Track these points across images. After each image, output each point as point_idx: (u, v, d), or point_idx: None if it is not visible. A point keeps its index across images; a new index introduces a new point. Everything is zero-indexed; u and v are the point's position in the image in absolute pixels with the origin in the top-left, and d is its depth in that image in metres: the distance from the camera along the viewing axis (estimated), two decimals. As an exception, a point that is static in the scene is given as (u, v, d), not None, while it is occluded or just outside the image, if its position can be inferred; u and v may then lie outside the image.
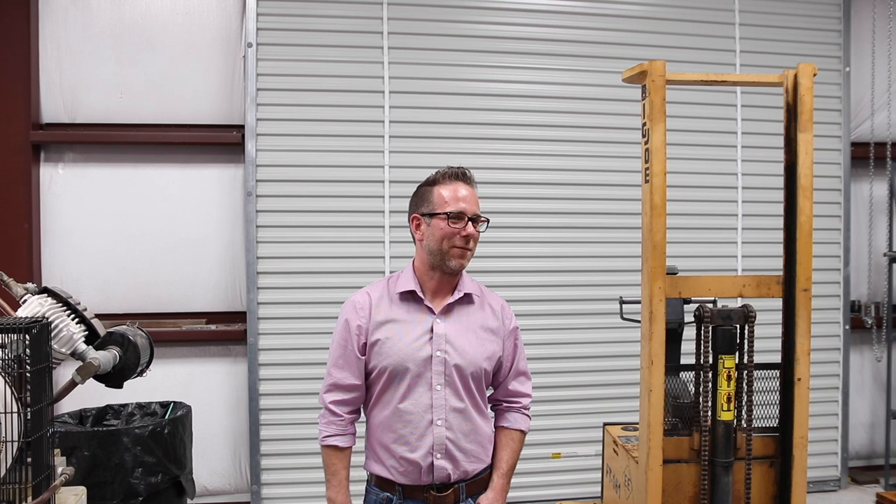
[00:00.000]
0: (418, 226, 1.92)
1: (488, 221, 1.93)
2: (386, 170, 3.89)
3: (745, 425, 2.14)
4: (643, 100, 2.15)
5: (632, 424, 2.72)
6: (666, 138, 2.10)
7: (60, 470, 1.62)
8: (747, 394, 2.13)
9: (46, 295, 1.75)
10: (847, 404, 4.32)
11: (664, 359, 2.10)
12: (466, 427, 1.89)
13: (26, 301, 1.72)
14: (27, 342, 1.49)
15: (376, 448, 1.91)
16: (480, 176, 2.03)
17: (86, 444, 2.72)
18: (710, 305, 2.19)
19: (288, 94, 3.82)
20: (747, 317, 2.13)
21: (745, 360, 2.13)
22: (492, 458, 1.98)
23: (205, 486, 3.86)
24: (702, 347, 2.14)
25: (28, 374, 1.50)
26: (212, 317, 3.97)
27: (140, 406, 3.26)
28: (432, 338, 1.87)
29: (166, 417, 3.10)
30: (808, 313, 2.10)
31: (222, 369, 3.94)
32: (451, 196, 1.87)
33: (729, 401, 2.11)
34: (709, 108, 4.13)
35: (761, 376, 2.17)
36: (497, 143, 3.97)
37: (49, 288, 1.77)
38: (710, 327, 2.13)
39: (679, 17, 4.12)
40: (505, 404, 2.03)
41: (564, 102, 4.02)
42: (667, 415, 2.19)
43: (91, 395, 2.72)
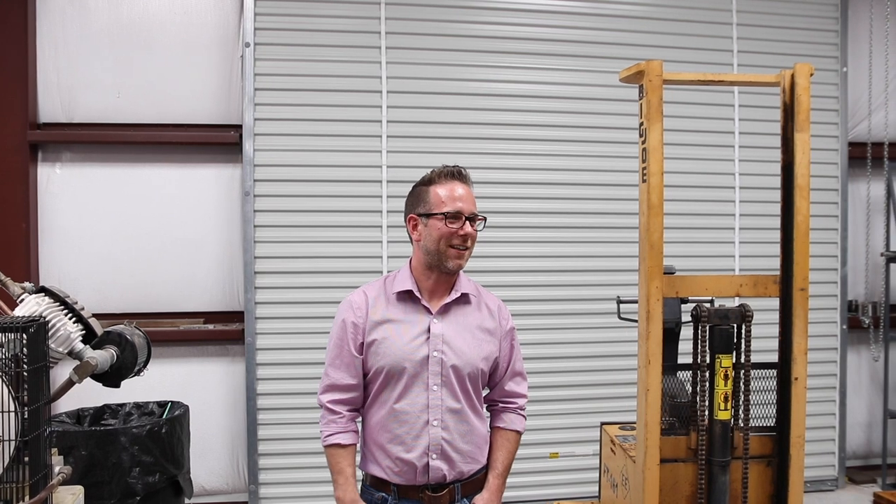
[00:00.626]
0: (415, 226, 1.91)
1: (485, 220, 1.91)
2: (384, 170, 3.89)
3: (743, 425, 2.14)
4: (640, 99, 2.15)
5: (629, 424, 2.73)
6: (663, 138, 2.10)
7: (58, 469, 1.62)
8: (744, 393, 2.13)
9: (44, 294, 1.74)
10: (844, 404, 4.32)
11: (661, 358, 2.11)
12: (463, 428, 1.88)
13: (23, 300, 1.72)
14: (24, 341, 1.49)
15: (372, 448, 1.90)
16: (477, 176, 2.03)
17: (83, 444, 2.72)
18: (708, 305, 2.20)
19: (286, 94, 3.82)
20: (744, 316, 2.13)
21: (743, 360, 2.14)
22: (487, 459, 1.97)
23: (202, 486, 3.86)
24: (699, 347, 2.15)
25: (25, 374, 1.50)
26: (209, 316, 3.96)
27: (137, 406, 3.26)
28: (429, 338, 1.86)
29: (164, 417, 3.10)
30: (805, 313, 2.11)
31: (220, 369, 3.94)
32: (448, 195, 1.85)
33: (726, 400, 2.11)
34: (706, 109, 4.14)
35: (758, 376, 2.18)
36: (494, 142, 3.97)
37: (46, 287, 1.76)
38: (708, 327, 2.14)
39: (676, 18, 4.13)
40: (501, 405, 2.03)
41: (561, 102, 4.03)
42: (664, 414, 2.19)
43: (88, 394, 2.72)
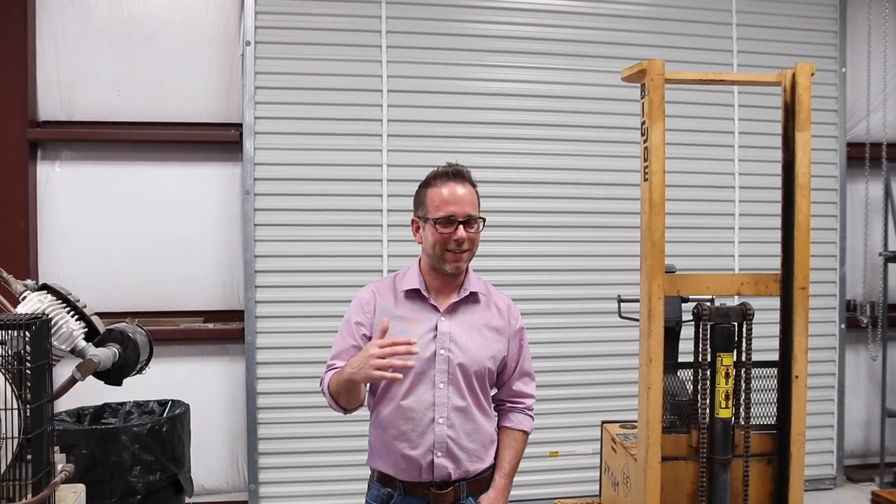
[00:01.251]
0: (417, 229, 1.92)
1: (484, 220, 1.89)
2: (384, 169, 3.89)
3: (743, 423, 2.14)
4: (642, 98, 2.15)
5: (630, 422, 2.73)
6: (665, 137, 2.11)
7: (60, 467, 1.61)
8: (745, 391, 2.13)
9: (46, 291, 1.73)
10: (843, 403, 4.34)
11: (663, 357, 2.11)
12: (468, 426, 1.88)
13: (26, 297, 1.71)
14: (27, 339, 1.48)
15: (379, 444, 1.91)
16: (476, 175, 2.00)
17: (84, 443, 2.72)
18: (709, 303, 2.20)
19: (286, 93, 3.82)
20: (745, 315, 2.13)
21: (744, 358, 2.14)
22: (494, 458, 1.97)
23: (202, 485, 3.86)
24: (700, 345, 2.15)
25: (28, 371, 1.49)
26: (209, 315, 3.96)
27: (138, 404, 3.26)
28: (436, 336, 1.86)
29: (164, 415, 3.10)
30: (805, 311, 2.11)
31: (220, 368, 3.94)
32: (441, 200, 1.83)
33: (727, 398, 2.11)
34: (706, 108, 4.15)
35: (759, 374, 2.18)
36: (493, 142, 3.97)
37: (49, 285, 1.76)
38: (709, 325, 2.14)
39: (677, 18, 4.14)
40: (508, 404, 2.02)
41: (562, 102, 4.03)
42: (665, 412, 2.19)
43: (89, 393, 2.71)
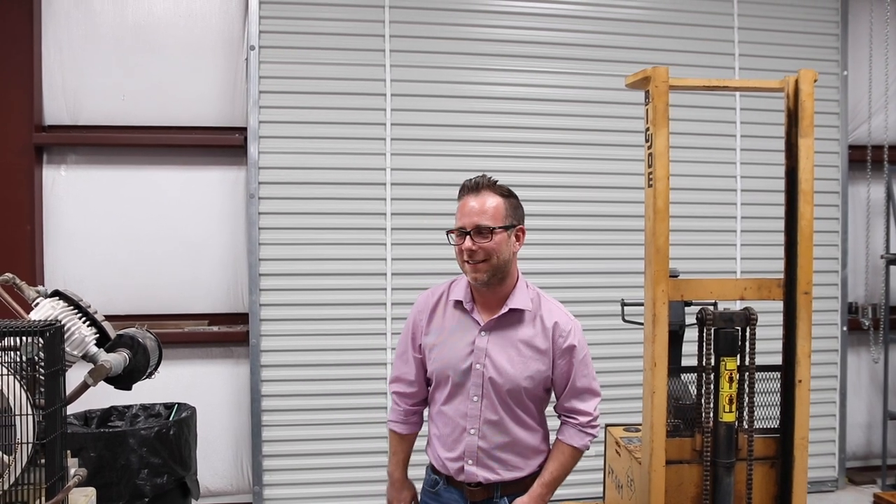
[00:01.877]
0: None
1: (504, 229, 1.83)
2: (388, 172, 3.90)
3: (747, 426, 2.16)
4: (646, 105, 2.17)
5: (634, 426, 2.75)
6: (669, 143, 2.12)
7: (73, 471, 1.63)
8: (749, 395, 2.15)
9: (58, 298, 1.75)
10: (844, 405, 4.35)
11: (667, 361, 2.13)
12: (501, 439, 1.90)
13: (38, 304, 1.73)
14: (41, 345, 1.50)
15: (431, 436, 2.04)
16: (480, 179, 2.03)
17: (92, 446, 2.74)
18: (712, 308, 2.22)
19: (290, 97, 3.83)
20: (749, 319, 2.15)
21: (747, 362, 2.16)
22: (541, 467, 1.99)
23: (207, 487, 3.87)
24: (704, 349, 2.17)
25: (42, 377, 1.51)
26: (214, 318, 3.98)
27: (144, 407, 3.28)
28: (473, 350, 1.89)
29: (171, 419, 3.11)
30: (808, 316, 2.13)
31: (224, 371, 3.95)
32: (458, 213, 1.88)
33: (731, 402, 2.13)
34: (708, 113, 4.15)
35: (762, 378, 2.20)
36: (497, 145, 3.98)
37: (60, 291, 1.77)
38: (713, 329, 2.16)
39: (679, 22, 4.15)
40: (563, 418, 2.02)
41: (565, 106, 4.04)
42: (669, 416, 2.21)
43: (96, 396, 2.73)
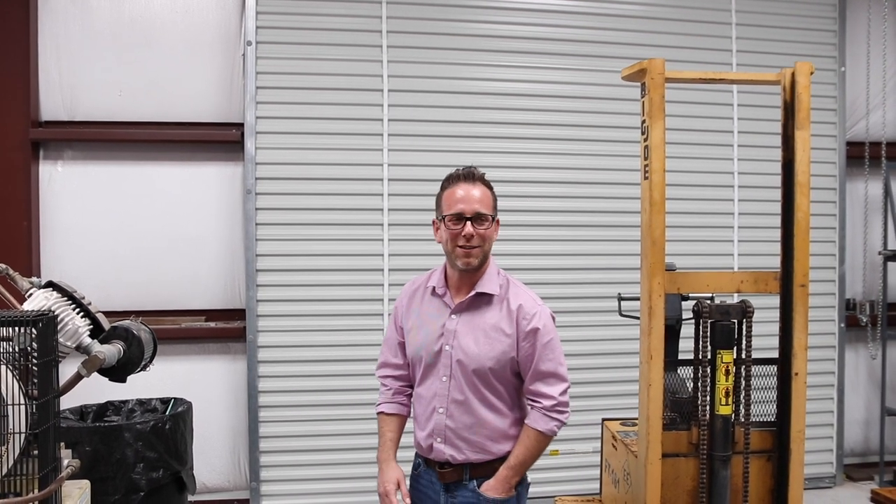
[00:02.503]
0: (437, 230, 2.02)
1: (492, 219, 1.96)
2: (385, 168, 3.90)
3: (743, 419, 2.16)
4: (643, 97, 2.17)
5: (630, 420, 2.75)
6: (665, 135, 2.12)
7: (66, 462, 1.63)
8: (745, 388, 2.15)
9: (52, 289, 1.75)
10: (842, 401, 4.35)
11: (663, 354, 2.13)
12: (468, 419, 1.97)
13: (32, 295, 1.73)
14: (34, 335, 1.49)
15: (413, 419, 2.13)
16: (479, 174, 2.04)
17: (87, 440, 2.73)
18: (709, 301, 2.22)
19: (287, 93, 3.83)
20: (745, 312, 2.15)
21: (744, 355, 2.16)
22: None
23: (204, 483, 3.87)
24: (700, 343, 2.17)
25: (34, 367, 1.51)
26: (211, 314, 3.97)
27: (140, 402, 3.26)
28: (443, 333, 1.99)
29: (167, 413, 3.11)
30: (805, 309, 2.13)
31: (221, 367, 3.95)
32: (453, 199, 1.94)
33: (727, 395, 2.13)
34: (705, 107, 4.16)
35: (759, 371, 2.20)
36: (494, 141, 3.98)
37: (54, 282, 1.77)
38: (709, 323, 2.16)
39: (677, 17, 4.15)
40: (529, 400, 2.03)
41: (562, 101, 4.04)
42: (665, 410, 2.21)
43: (91, 391, 2.72)
